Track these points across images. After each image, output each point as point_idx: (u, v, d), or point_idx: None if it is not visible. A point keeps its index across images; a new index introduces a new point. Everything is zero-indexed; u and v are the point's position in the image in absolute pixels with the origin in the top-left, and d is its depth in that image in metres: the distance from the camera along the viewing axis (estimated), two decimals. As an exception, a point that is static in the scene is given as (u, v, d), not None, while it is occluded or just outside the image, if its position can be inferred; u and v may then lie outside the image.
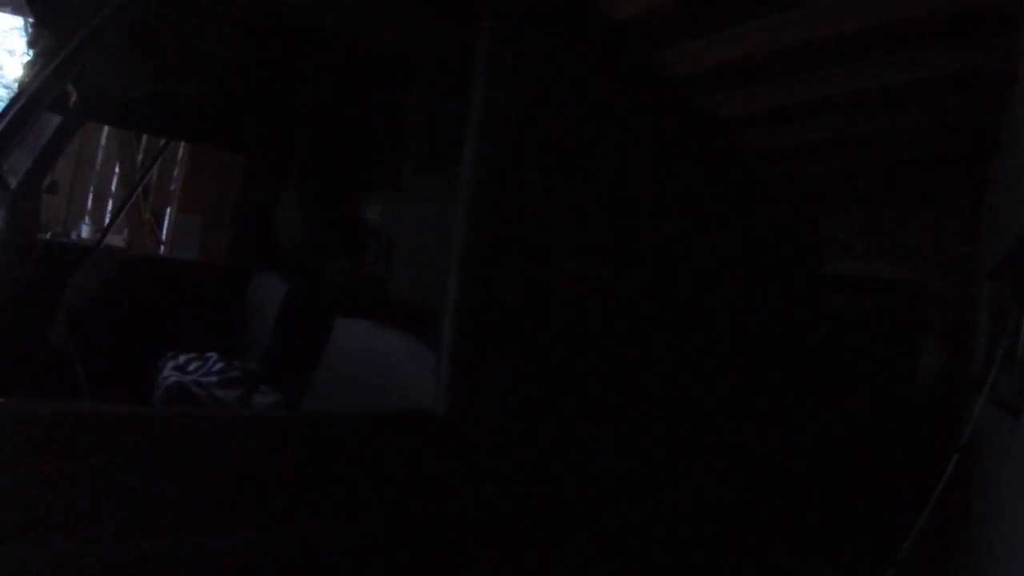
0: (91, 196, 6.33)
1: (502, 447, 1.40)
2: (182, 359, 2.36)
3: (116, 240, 5.00)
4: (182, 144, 4.54)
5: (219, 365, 2.26)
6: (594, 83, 1.68)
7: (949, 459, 2.85)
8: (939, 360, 5.99)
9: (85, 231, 5.84)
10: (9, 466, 0.85)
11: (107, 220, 6.29)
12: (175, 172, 4.89)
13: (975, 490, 3.06)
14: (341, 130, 2.84)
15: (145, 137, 5.53)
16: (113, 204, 6.15)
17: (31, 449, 0.86)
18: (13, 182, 2.04)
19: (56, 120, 2.32)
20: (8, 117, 1.11)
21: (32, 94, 1.13)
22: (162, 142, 3.52)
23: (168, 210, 5.10)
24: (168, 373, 2.30)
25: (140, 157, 5.55)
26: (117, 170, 5.82)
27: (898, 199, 6.79)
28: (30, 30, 2.46)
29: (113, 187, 6.12)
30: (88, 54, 1.19)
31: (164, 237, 5.12)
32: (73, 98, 2.35)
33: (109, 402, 1.81)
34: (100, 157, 6.41)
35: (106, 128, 5.75)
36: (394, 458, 1.23)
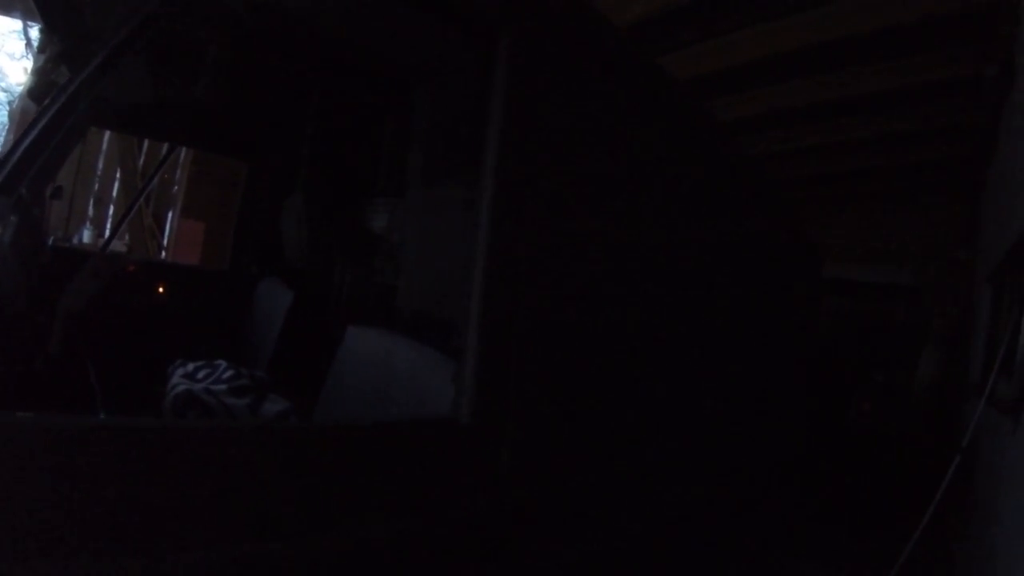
0: (92, 201, 6.36)
1: (523, 454, 1.42)
2: (191, 367, 2.36)
3: (117, 245, 5.00)
4: (183, 149, 4.55)
5: (228, 373, 2.26)
6: (605, 90, 1.71)
7: (950, 461, 2.87)
8: (938, 363, 6.01)
9: (87, 236, 5.86)
10: (23, 479, 0.86)
11: (108, 225, 6.32)
12: (176, 177, 4.90)
13: (975, 492, 3.09)
14: (346, 137, 2.85)
15: (146, 142, 5.55)
16: (114, 209, 6.17)
17: (47, 461, 0.88)
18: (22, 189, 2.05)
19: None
20: (40, 126, 1.12)
21: (63, 104, 1.14)
22: (165, 148, 3.53)
23: (169, 215, 5.11)
24: (177, 381, 2.30)
25: (141, 162, 5.57)
26: (118, 175, 5.83)
27: (896, 203, 6.83)
28: (39, 35, 2.45)
29: (114, 192, 6.14)
30: (120, 64, 1.19)
31: (165, 242, 5.13)
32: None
33: (119, 410, 1.84)
34: (101, 162, 6.43)
35: (107, 133, 5.76)
36: (418, 466, 1.25)
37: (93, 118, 2.42)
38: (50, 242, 2.84)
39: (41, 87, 2.33)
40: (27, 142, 1.09)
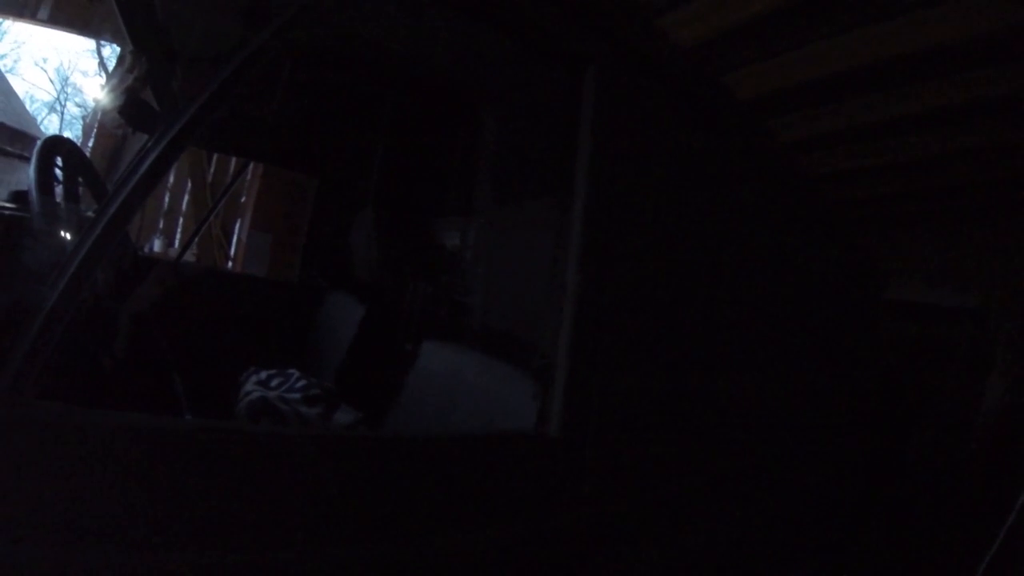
0: (163, 212, 6.58)
1: (610, 468, 1.45)
2: (264, 375, 2.44)
3: (186, 256, 5.17)
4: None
5: (302, 382, 2.33)
6: (679, 112, 1.75)
7: (1015, 499, 2.77)
8: (1004, 392, 5.79)
9: (157, 246, 6.07)
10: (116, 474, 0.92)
11: (177, 236, 6.54)
12: (244, 188, 5.04)
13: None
14: (418, 153, 2.92)
15: (215, 155, 5.74)
16: (184, 221, 6.37)
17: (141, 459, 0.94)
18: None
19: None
20: (159, 151, 1.17)
21: (182, 127, 1.19)
22: (234, 161, 3.64)
23: (237, 226, 5.26)
24: (251, 388, 2.38)
25: (211, 173, 5.76)
26: (188, 188, 6.02)
27: (962, 223, 6.62)
28: (112, 54, 2.55)
29: (184, 204, 6.34)
30: (241, 86, 1.25)
31: (232, 253, 5.28)
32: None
33: (195, 414, 1.91)
34: (171, 174, 6.65)
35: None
36: (503, 478, 1.29)
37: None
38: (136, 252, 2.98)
39: (131, 105, 2.44)
40: (143, 170, 1.13)
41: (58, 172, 2.07)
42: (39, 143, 1.99)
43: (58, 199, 1.93)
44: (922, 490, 5.35)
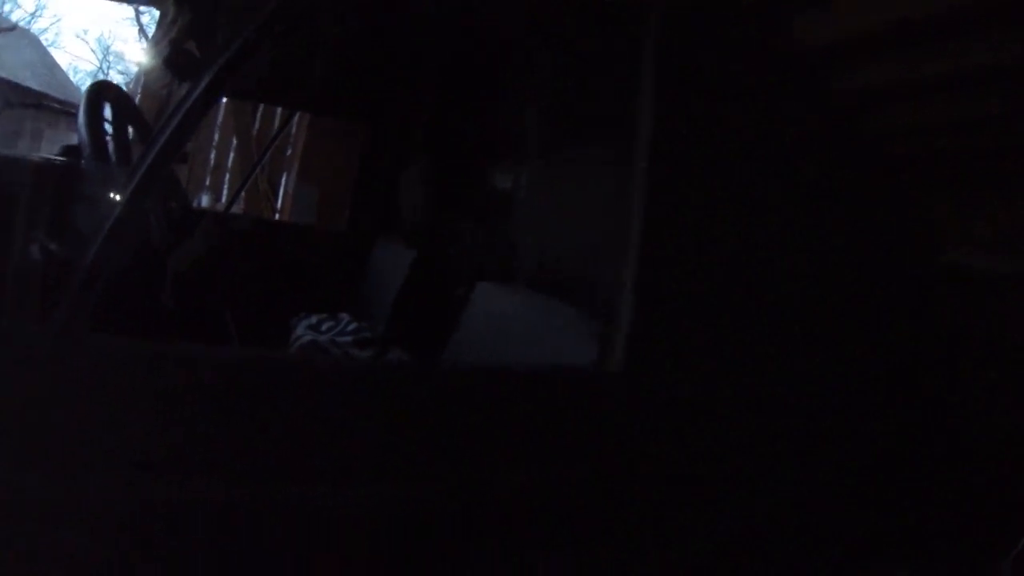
0: (210, 169, 6.65)
1: (674, 407, 1.43)
2: (314, 319, 2.45)
3: (232, 210, 5.21)
4: (298, 114, 4.66)
5: (352, 326, 2.33)
6: (738, 64, 1.70)
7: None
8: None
9: (205, 201, 6.14)
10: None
11: (224, 192, 6.61)
12: (289, 141, 5.04)
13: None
14: (470, 97, 2.86)
15: (260, 107, 5.74)
16: (230, 177, 6.43)
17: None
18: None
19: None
20: (193, 99, 1.16)
21: (213, 79, 1.17)
22: (280, 112, 3.62)
23: (283, 178, 5.28)
24: (302, 332, 2.40)
25: (256, 127, 5.76)
26: (234, 142, 6.05)
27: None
28: (165, 11, 2.54)
29: (230, 158, 6.38)
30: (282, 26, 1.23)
31: (279, 205, 5.31)
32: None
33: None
34: (217, 128, 6.70)
35: (223, 100, 5.96)
36: (563, 415, 1.26)
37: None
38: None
39: (176, 57, 2.43)
40: (180, 115, 1.13)
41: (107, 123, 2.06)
42: (87, 87, 1.98)
43: (108, 143, 1.93)
44: (968, 467, 5.15)
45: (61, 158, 2.09)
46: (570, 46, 2.14)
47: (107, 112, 2.04)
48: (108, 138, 1.96)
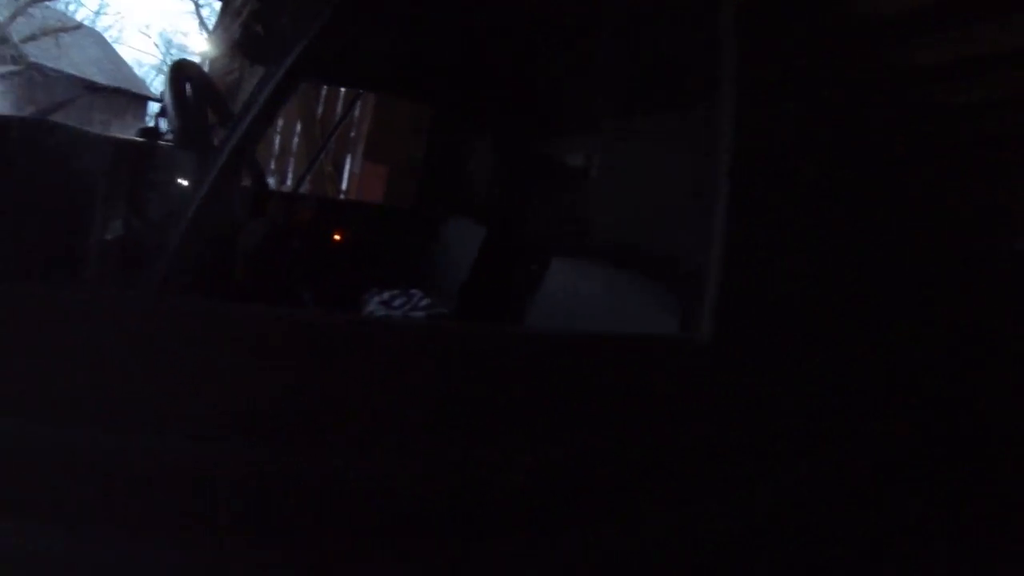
0: (276, 149, 6.77)
1: (762, 379, 1.39)
2: (386, 295, 2.46)
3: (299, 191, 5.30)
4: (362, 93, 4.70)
5: (425, 301, 2.34)
6: (816, 33, 1.69)
7: None
8: None
9: (271, 183, 6.25)
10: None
11: (289, 175, 6.73)
12: (354, 122, 5.08)
13: None
14: (537, 70, 2.83)
15: (324, 89, 5.80)
16: (295, 161, 6.54)
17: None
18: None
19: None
20: (273, 84, 1.16)
21: (292, 64, 1.17)
22: (343, 95, 3.65)
23: (347, 160, 5.33)
24: (374, 307, 2.41)
25: (320, 110, 5.83)
26: (299, 125, 6.14)
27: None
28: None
29: (295, 141, 6.49)
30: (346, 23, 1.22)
31: (344, 186, 5.37)
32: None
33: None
34: (281, 115, 6.80)
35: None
36: (648, 385, 1.23)
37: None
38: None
39: (247, 40, 2.45)
40: (265, 95, 1.13)
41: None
42: (171, 67, 2.02)
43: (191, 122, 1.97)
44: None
45: (140, 139, 2.14)
46: (644, 11, 2.08)
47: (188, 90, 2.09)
48: (191, 116, 2.00)
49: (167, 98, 1.82)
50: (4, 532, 0.82)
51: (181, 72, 1.92)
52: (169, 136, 1.88)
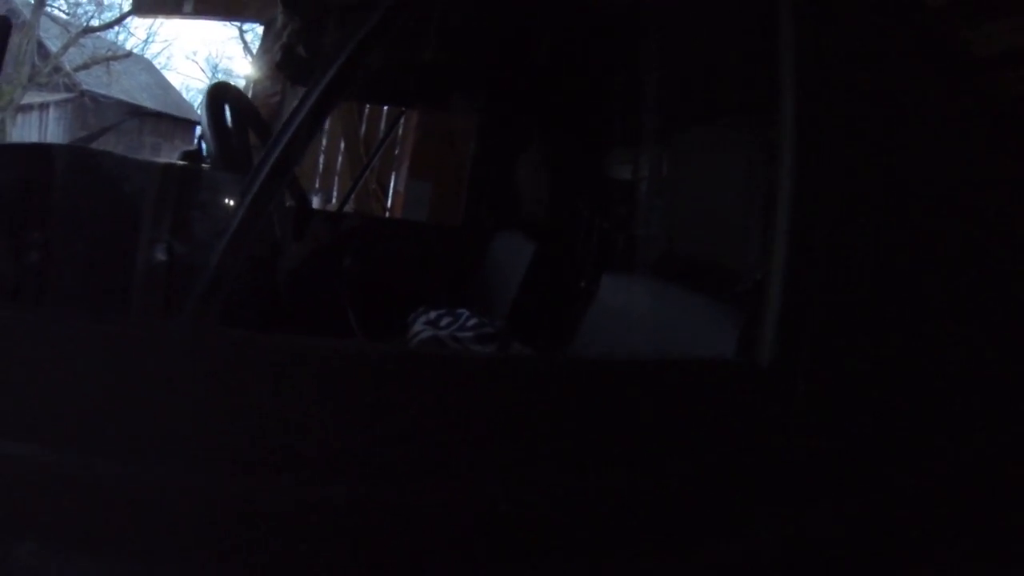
0: (319, 173, 6.83)
1: (822, 402, 1.31)
2: (433, 314, 2.42)
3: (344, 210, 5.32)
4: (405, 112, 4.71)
5: (472, 321, 2.29)
6: (875, 27, 1.57)
7: None
8: None
9: (315, 203, 6.31)
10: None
11: (334, 194, 6.80)
12: (397, 140, 5.09)
13: None
14: (584, 82, 2.78)
15: (366, 108, 5.83)
16: (340, 177, 6.58)
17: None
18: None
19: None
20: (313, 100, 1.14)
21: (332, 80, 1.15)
22: (386, 113, 3.64)
23: (393, 177, 5.34)
24: (420, 328, 2.38)
25: (363, 129, 5.86)
26: (342, 145, 6.18)
27: None
28: (280, 18, 2.57)
29: (339, 160, 6.54)
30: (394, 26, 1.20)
31: (389, 204, 5.38)
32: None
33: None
34: (324, 135, 6.87)
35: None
36: (706, 408, 1.19)
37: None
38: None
39: (288, 61, 2.45)
40: (302, 115, 1.11)
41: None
42: (208, 89, 2.02)
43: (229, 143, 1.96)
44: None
45: (183, 162, 2.15)
46: (697, 17, 2.02)
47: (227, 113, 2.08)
48: (229, 138, 2.00)
49: (204, 120, 1.82)
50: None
51: (218, 94, 1.92)
52: (209, 159, 1.88)
